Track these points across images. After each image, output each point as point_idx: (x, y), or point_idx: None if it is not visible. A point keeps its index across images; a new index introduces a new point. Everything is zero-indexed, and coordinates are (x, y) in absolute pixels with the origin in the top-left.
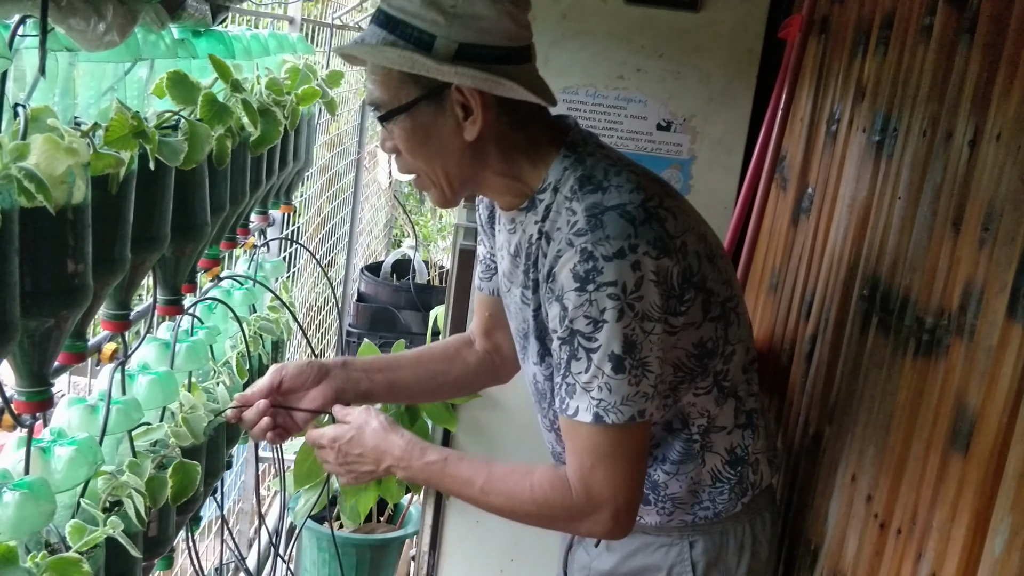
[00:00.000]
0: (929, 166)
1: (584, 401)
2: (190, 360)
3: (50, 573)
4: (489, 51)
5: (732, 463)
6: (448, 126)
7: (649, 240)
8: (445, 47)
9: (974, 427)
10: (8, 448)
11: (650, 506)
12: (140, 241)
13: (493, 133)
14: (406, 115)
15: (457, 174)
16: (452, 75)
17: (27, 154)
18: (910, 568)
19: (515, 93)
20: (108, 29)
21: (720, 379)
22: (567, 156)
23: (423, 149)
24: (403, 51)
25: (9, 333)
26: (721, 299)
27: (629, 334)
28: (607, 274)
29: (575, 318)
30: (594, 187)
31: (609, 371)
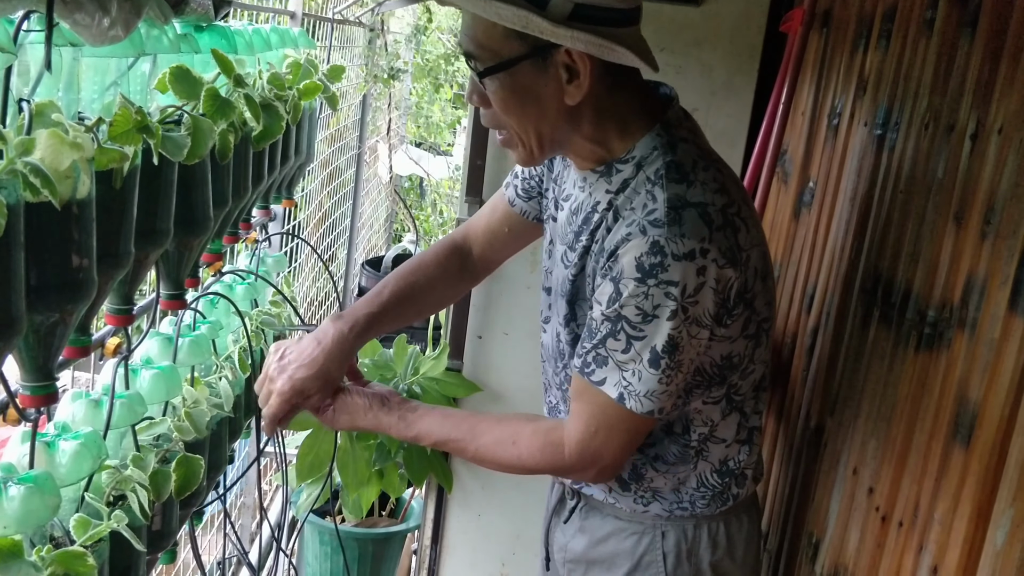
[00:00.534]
0: (931, 160)
1: (615, 376)
2: (193, 354)
3: (56, 567)
4: (604, 13)
5: (721, 473)
6: (550, 87)
7: (721, 248)
8: (561, 6)
9: (976, 419)
10: (13, 442)
11: (628, 493)
12: (144, 235)
13: (593, 97)
14: (506, 72)
15: (549, 135)
16: (567, 38)
17: (32, 149)
18: (912, 560)
19: (627, 60)
20: (113, 24)
21: (732, 392)
22: (660, 136)
23: (519, 108)
24: (518, 9)
25: (15, 327)
26: (760, 319)
27: (675, 335)
28: (672, 272)
29: (627, 305)
30: (680, 177)
31: (645, 362)
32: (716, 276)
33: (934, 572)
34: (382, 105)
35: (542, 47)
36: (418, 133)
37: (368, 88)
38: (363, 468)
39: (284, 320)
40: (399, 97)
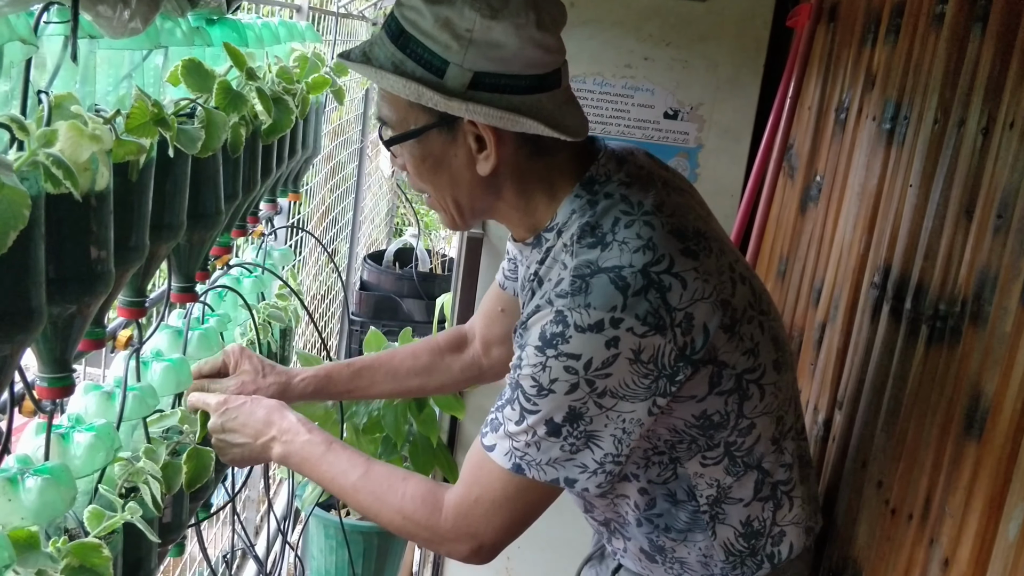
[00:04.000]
0: (941, 154)
1: (506, 445)
2: (202, 348)
3: (71, 558)
4: (509, 80)
5: (747, 536)
6: (460, 157)
7: (638, 314)
8: (458, 76)
9: (988, 413)
10: (27, 434)
11: (657, 564)
12: (157, 228)
13: (509, 166)
14: (415, 141)
15: (468, 204)
16: (462, 111)
17: (55, 141)
18: (922, 554)
19: (534, 129)
20: (133, 16)
21: (733, 450)
22: (579, 196)
23: (432, 176)
24: (409, 81)
25: (36, 319)
26: (738, 372)
27: (577, 407)
28: (572, 345)
29: (524, 376)
30: (596, 240)
31: (543, 433)
32: (635, 346)
33: (945, 565)
34: None
35: (447, 117)
36: None
37: (371, 83)
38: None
39: (290, 313)
40: None
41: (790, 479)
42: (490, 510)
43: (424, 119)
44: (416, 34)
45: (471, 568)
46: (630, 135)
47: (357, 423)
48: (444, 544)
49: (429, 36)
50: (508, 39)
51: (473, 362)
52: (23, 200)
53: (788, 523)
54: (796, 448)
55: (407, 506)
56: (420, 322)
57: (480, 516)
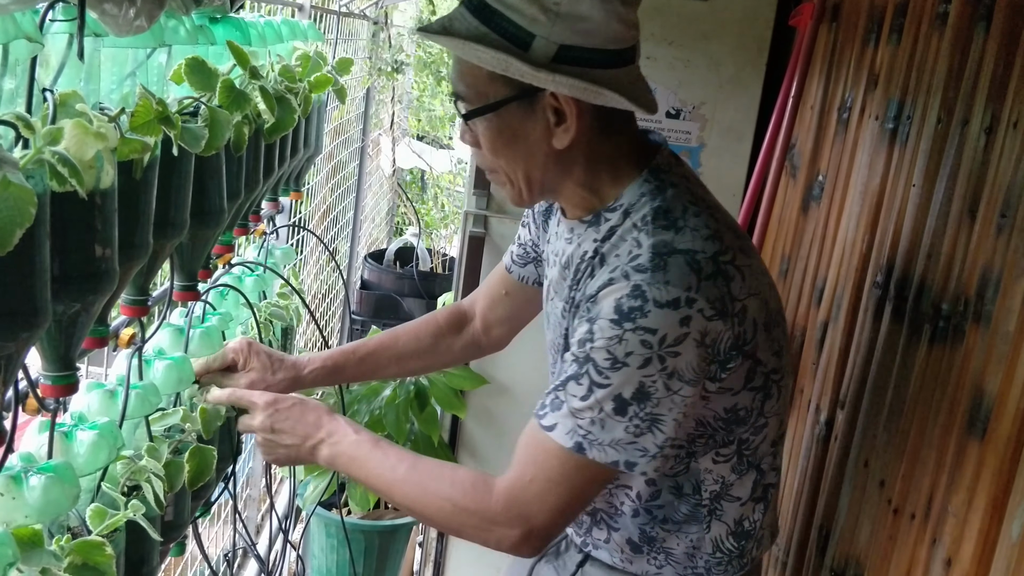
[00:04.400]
0: (944, 153)
1: (568, 424)
2: (204, 346)
3: (74, 556)
4: (591, 55)
5: (737, 535)
6: (537, 130)
7: (709, 298)
8: (544, 48)
9: (992, 413)
10: (30, 432)
11: (641, 555)
12: (161, 227)
13: (583, 141)
14: (493, 115)
15: (539, 179)
16: (550, 82)
17: (60, 139)
18: (925, 553)
19: (616, 102)
20: (138, 14)
21: (743, 449)
22: (648, 181)
23: (507, 150)
24: (497, 52)
25: (42, 317)
26: (768, 370)
27: (646, 384)
28: (650, 319)
29: (598, 348)
30: (668, 224)
31: (609, 410)
32: (702, 328)
33: (948, 564)
34: (385, 99)
35: (528, 89)
36: (420, 127)
37: (372, 81)
38: None
39: (291, 312)
40: (402, 91)
41: (777, 483)
42: (544, 490)
43: (504, 92)
44: (501, 7)
45: (473, 568)
46: None
47: (359, 422)
48: (494, 530)
49: (515, 9)
50: (594, 12)
51: (473, 340)
52: (29, 198)
53: (766, 527)
54: (781, 453)
55: (455, 493)
56: None
57: (533, 497)
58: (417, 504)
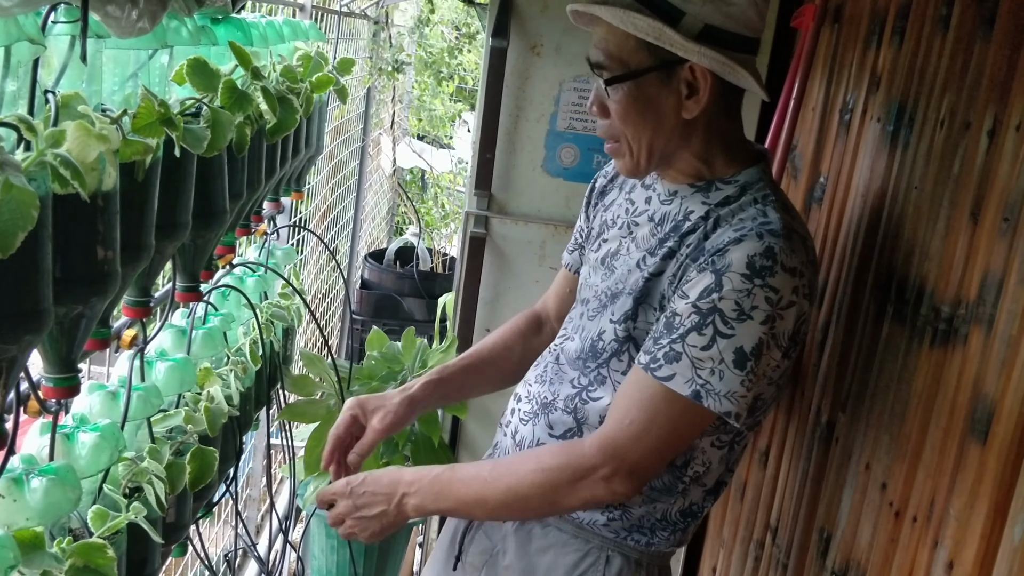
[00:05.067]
0: (946, 156)
1: (687, 374)
2: (206, 347)
3: (76, 559)
4: (730, 37)
5: (684, 513)
6: (670, 101)
7: (810, 281)
8: (692, 25)
9: (993, 416)
10: (31, 434)
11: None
12: (163, 228)
13: (706, 117)
14: (633, 82)
15: (660, 147)
16: (695, 53)
17: (63, 141)
18: (926, 556)
19: (745, 82)
20: (141, 16)
21: (735, 441)
22: (765, 172)
23: (638, 118)
24: (654, 20)
25: (44, 320)
26: (783, 368)
27: (765, 340)
28: (777, 279)
29: (726, 298)
30: (786, 211)
31: (730, 362)
32: (801, 304)
33: (950, 568)
34: (386, 98)
35: (668, 61)
36: (420, 126)
37: (372, 81)
38: (371, 461)
39: (292, 312)
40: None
41: (727, 482)
42: (643, 430)
43: (647, 62)
44: None
45: None
46: None
47: None
48: (589, 476)
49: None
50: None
51: (550, 341)
52: (32, 201)
53: (700, 515)
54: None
55: (544, 460)
56: (421, 321)
57: (630, 437)
58: (513, 494)
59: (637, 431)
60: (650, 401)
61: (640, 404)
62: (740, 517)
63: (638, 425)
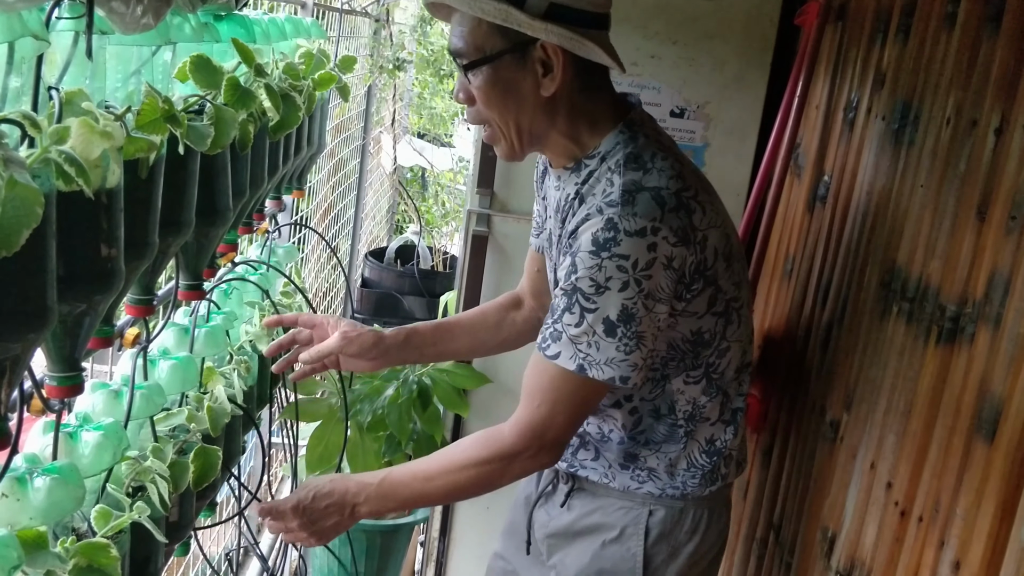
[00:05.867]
0: (953, 154)
1: (569, 350)
2: (209, 345)
3: (79, 558)
4: (576, 13)
5: (709, 453)
6: (527, 81)
7: (672, 227)
8: (537, 4)
9: (1000, 415)
10: (34, 433)
11: (626, 471)
12: (167, 226)
13: (566, 93)
14: (489, 66)
15: (528, 128)
16: (541, 31)
17: (67, 137)
18: (932, 555)
19: (595, 55)
20: (145, 12)
21: (711, 371)
22: (623, 132)
23: (500, 101)
24: (499, 3)
25: (48, 318)
26: (728, 297)
27: (629, 305)
28: (623, 247)
29: (582, 277)
30: (638, 166)
31: (601, 332)
32: (668, 253)
33: (956, 568)
34: (387, 96)
35: (521, 42)
36: (421, 124)
37: (373, 79)
38: (373, 460)
39: (295, 310)
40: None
41: (742, 408)
42: (553, 411)
43: (500, 45)
44: None
45: (476, 567)
46: None
47: (361, 421)
48: (516, 461)
49: None
50: None
51: (531, 316)
52: (36, 198)
53: (735, 449)
54: (747, 381)
55: (472, 455)
56: (421, 319)
57: (543, 419)
58: (453, 488)
59: (547, 411)
60: (550, 381)
61: (542, 386)
62: (743, 516)
63: (546, 406)
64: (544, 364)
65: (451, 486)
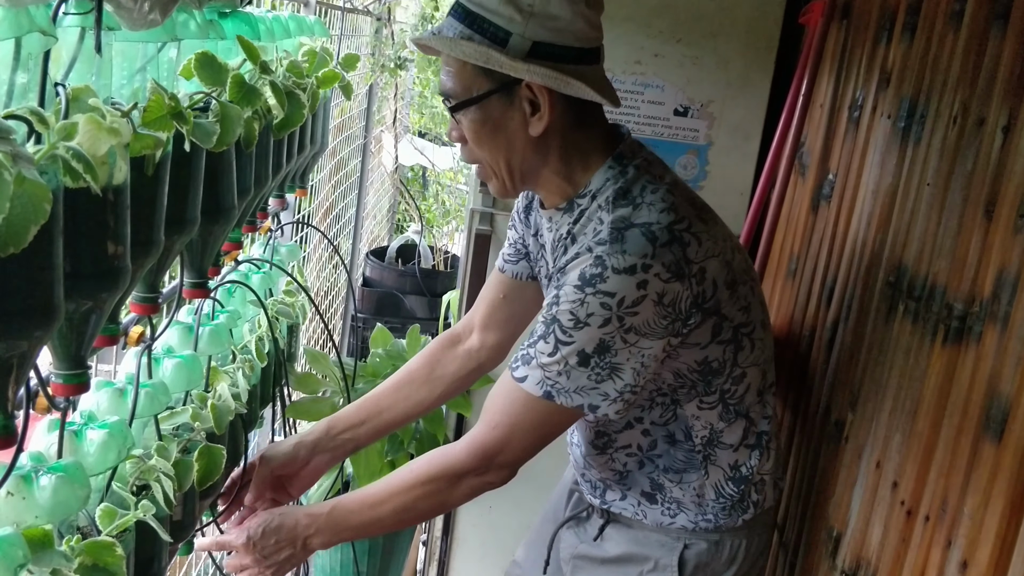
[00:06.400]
0: (960, 152)
1: (537, 376)
2: (213, 344)
3: (85, 557)
4: (561, 50)
5: (736, 480)
6: (515, 120)
7: (665, 263)
8: (519, 44)
9: (1008, 414)
10: (39, 431)
11: (656, 506)
12: (172, 224)
13: (557, 130)
14: (477, 107)
15: (519, 167)
16: (524, 72)
17: (75, 134)
18: (939, 555)
19: (582, 93)
20: (152, 8)
21: (727, 397)
22: (612, 167)
23: (490, 141)
24: (479, 46)
25: (55, 315)
26: (735, 324)
27: (607, 339)
28: (609, 284)
29: (563, 311)
30: (628, 202)
31: (574, 363)
32: (660, 290)
33: (963, 567)
34: (388, 95)
35: (507, 82)
36: (422, 123)
37: (374, 78)
38: (375, 459)
39: (297, 309)
40: (404, 87)
41: (770, 431)
42: (509, 434)
43: (487, 86)
44: (482, 12)
45: (478, 567)
46: (640, 132)
47: None
48: (463, 479)
49: (494, 12)
50: (563, 11)
51: (470, 354)
52: (44, 194)
53: (767, 473)
54: (773, 403)
55: (421, 474)
56: (422, 319)
57: (497, 441)
58: (404, 510)
59: (502, 433)
60: (512, 404)
61: (504, 407)
62: None
63: (503, 428)
64: (510, 385)
65: (401, 508)
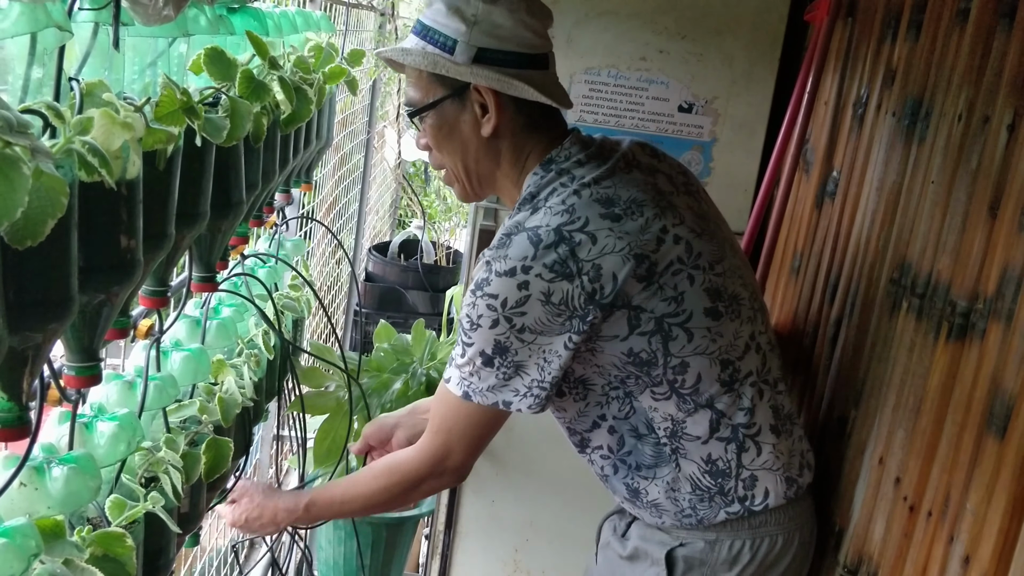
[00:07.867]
0: (965, 150)
1: (456, 376)
2: (220, 337)
3: (95, 547)
4: (505, 56)
5: (713, 474)
6: (468, 123)
7: (547, 263)
8: (465, 51)
9: (1012, 410)
10: (49, 423)
11: (643, 510)
12: (182, 217)
13: (507, 133)
14: (433, 112)
15: (475, 169)
16: (469, 75)
17: (90, 128)
18: (942, 551)
19: (525, 93)
20: (166, 4)
21: (678, 388)
22: (536, 172)
23: (448, 144)
24: (428, 54)
25: (69, 308)
26: (657, 315)
27: (502, 340)
28: (492, 287)
29: (463, 315)
30: (530, 207)
31: (480, 364)
32: (543, 289)
33: (966, 563)
34: (391, 90)
35: (458, 87)
36: None
37: (378, 73)
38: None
39: (302, 303)
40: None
41: (752, 423)
42: (449, 438)
43: (440, 92)
44: (434, 25)
45: (481, 560)
46: (644, 128)
47: (368, 417)
48: (424, 484)
49: (443, 24)
50: (504, 20)
51: None
52: (61, 188)
53: (759, 468)
54: (761, 396)
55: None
56: (425, 314)
57: (441, 446)
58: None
59: (443, 439)
60: (446, 408)
61: (441, 412)
62: None
63: (443, 434)
64: (443, 389)
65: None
